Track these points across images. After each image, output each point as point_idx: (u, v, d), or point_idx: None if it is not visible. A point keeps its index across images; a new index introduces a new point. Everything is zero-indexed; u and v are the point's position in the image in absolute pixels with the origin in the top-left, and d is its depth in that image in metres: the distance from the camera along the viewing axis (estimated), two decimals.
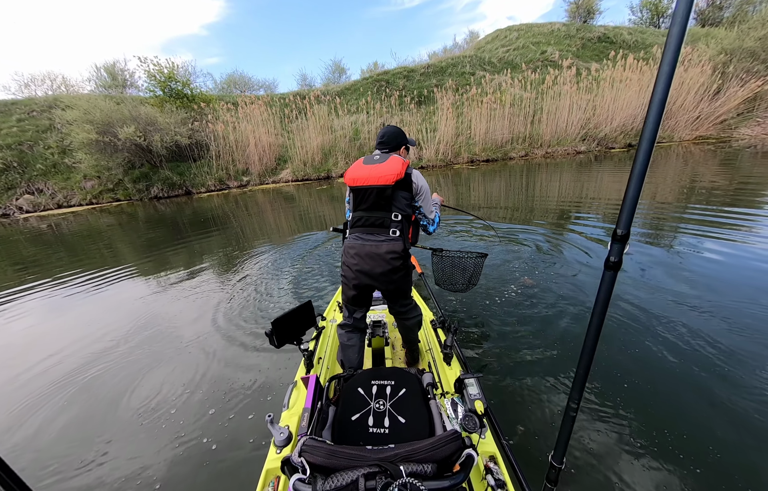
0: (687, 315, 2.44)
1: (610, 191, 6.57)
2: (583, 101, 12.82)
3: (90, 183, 14.05)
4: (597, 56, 18.09)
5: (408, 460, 0.73)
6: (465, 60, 18.37)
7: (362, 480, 0.69)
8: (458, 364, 1.57)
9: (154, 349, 2.73)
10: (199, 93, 16.01)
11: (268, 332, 1.41)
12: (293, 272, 4.07)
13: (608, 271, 0.62)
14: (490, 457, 1.07)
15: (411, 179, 1.47)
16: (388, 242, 1.44)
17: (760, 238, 3.66)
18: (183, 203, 11.80)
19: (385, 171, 1.41)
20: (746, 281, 2.82)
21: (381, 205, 1.45)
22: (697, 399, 1.77)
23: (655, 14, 24.35)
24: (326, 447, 0.76)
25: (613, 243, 0.61)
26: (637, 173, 0.55)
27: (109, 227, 8.87)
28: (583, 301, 2.79)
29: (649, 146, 0.53)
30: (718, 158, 9.13)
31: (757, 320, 2.31)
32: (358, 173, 1.47)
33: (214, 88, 22.69)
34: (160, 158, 13.62)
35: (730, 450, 1.50)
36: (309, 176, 13.94)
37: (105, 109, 12.48)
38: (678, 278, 2.97)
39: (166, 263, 5.04)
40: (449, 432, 0.79)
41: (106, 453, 1.78)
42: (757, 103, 12.80)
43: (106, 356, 2.71)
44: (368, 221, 1.48)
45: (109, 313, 3.53)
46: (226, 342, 2.69)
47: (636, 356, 2.10)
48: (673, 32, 0.47)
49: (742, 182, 6.18)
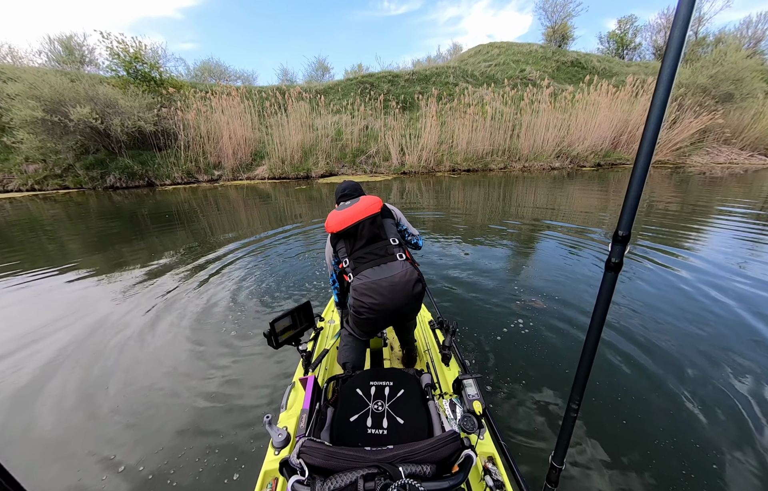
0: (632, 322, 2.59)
1: (577, 205, 6.81)
2: (558, 120, 13.43)
3: (33, 167, 12.48)
4: (570, 79, 19.18)
5: (407, 461, 0.73)
6: (449, 70, 18.70)
7: (361, 481, 0.68)
8: (457, 365, 1.58)
9: (135, 354, 2.49)
10: (169, 77, 14.86)
11: (266, 333, 1.38)
12: (285, 272, 3.87)
13: (609, 272, 0.62)
14: (489, 458, 1.07)
15: (387, 207, 1.55)
16: (402, 267, 1.37)
17: (698, 257, 3.92)
18: (144, 195, 10.76)
19: (366, 204, 1.43)
20: (681, 294, 3.02)
21: (377, 235, 1.43)
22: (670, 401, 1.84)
23: (621, 46, 26.44)
24: (325, 448, 0.76)
25: (614, 245, 0.61)
26: (638, 176, 0.55)
27: (54, 217, 7.85)
28: (580, 304, 2.86)
29: (650, 149, 0.53)
30: (673, 182, 9.94)
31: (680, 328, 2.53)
32: (341, 216, 1.42)
33: (187, 75, 21.31)
34: (120, 144, 12.40)
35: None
36: (287, 175, 13.34)
37: (56, 86, 11.14)
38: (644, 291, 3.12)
39: (136, 260, 4.42)
40: (448, 433, 0.79)
41: (97, 459, 1.67)
42: (706, 134, 14.14)
43: (61, 357, 2.37)
44: (372, 256, 1.40)
45: (57, 311, 3.11)
46: (220, 344, 2.55)
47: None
48: (674, 34, 0.48)
49: (691, 204, 6.76)
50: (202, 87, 15.83)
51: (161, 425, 1.84)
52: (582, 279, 3.37)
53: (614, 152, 13.86)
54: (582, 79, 17.37)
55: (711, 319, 2.59)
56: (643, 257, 3.93)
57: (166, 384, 2.15)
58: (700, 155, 13.94)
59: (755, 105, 14.02)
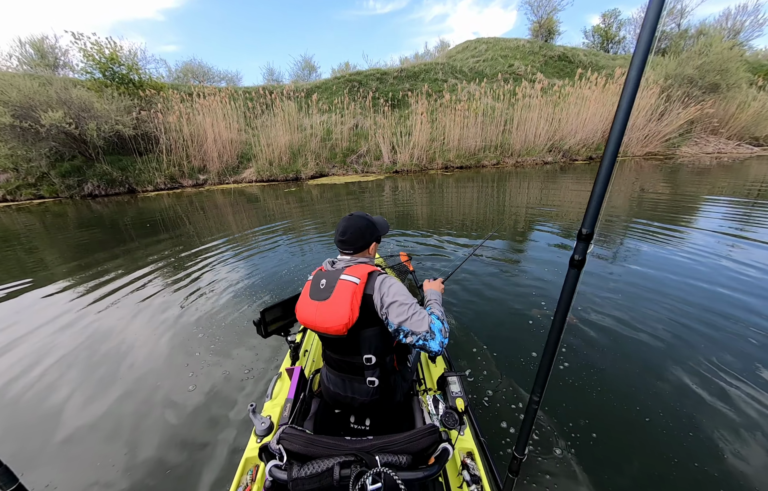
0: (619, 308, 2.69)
1: (568, 198, 6.68)
2: (549, 115, 13.35)
3: (5, 176, 11.78)
4: (558, 73, 19.22)
5: (384, 451, 0.74)
6: (437, 67, 18.51)
7: (337, 467, 0.69)
8: (443, 362, 1.62)
9: (123, 349, 2.56)
10: (148, 79, 14.23)
11: (256, 321, 1.36)
12: (274, 270, 3.87)
13: (572, 269, 0.63)
14: (468, 453, 1.07)
15: (372, 299, 1.03)
16: (369, 395, 1.12)
17: (688, 244, 4.00)
18: (125, 203, 10.24)
19: (331, 315, 1.00)
20: (673, 282, 3.10)
21: (345, 349, 1.11)
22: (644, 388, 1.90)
23: (605, 40, 26.70)
24: (305, 435, 0.77)
25: (578, 242, 0.61)
26: (603, 176, 0.55)
27: (29, 227, 7.36)
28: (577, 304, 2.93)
29: (615, 149, 0.53)
30: (662, 173, 9.95)
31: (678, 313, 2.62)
32: (305, 309, 1.09)
33: (169, 77, 20.58)
34: (97, 149, 11.78)
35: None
36: (275, 177, 12.92)
37: (24, 90, 10.49)
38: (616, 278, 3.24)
39: (116, 270, 4.04)
40: (426, 426, 0.81)
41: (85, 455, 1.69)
42: (694, 125, 14.28)
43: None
44: (335, 364, 1.16)
45: (33, 324, 3.01)
46: (207, 333, 2.59)
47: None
48: (642, 36, 0.48)
49: (679, 194, 6.78)
50: (185, 88, 15.25)
51: (146, 416, 1.85)
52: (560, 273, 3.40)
53: (605, 144, 13.87)
54: (569, 73, 17.39)
55: (697, 305, 2.67)
56: (635, 245, 4.00)
57: (151, 379, 2.16)
58: (688, 146, 14.07)
59: (740, 95, 14.22)
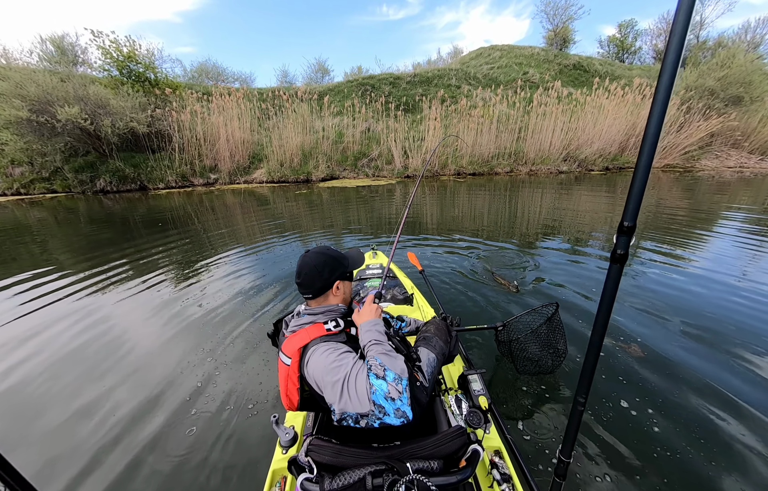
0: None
1: (585, 208, 6.44)
2: (565, 124, 13.10)
3: (19, 170, 11.92)
4: (573, 82, 18.95)
5: (414, 457, 0.73)
6: (451, 73, 18.41)
7: (369, 477, 0.69)
8: (461, 361, 1.59)
9: (132, 360, 2.42)
10: (164, 78, 14.37)
11: (270, 333, 1.31)
12: (286, 275, 3.66)
13: (615, 264, 0.61)
14: (495, 452, 1.06)
15: (308, 382, 0.90)
16: None
17: (703, 259, 3.83)
18: (136, 200, 10.24)
19: (283, 387, 0.96)
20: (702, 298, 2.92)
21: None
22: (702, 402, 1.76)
23: (621, 49, 26.37)
24: (333, 446, 0.75)
25: (619, 236, 0.59)
26: (643, 166, 0.54)
27: (41, 221, 7.36)
28: (588, 296, 2.92)
29: (654, 141, 0.53)
30: (681, 185, 9.62)
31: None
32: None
33: (184, 77, 20.84)
34: (111, 146, 11.87)
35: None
36: (286, 178, 12.86)
37: (43, 85, 10.63)
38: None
39: (134, 267, 3.94)
40: (454, 428, 0.80)
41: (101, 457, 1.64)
42: (714, 138, 13.88)
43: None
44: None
45: (46, 318, 2.94)
46: (225, 345, 2.48)
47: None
48: (675, 29, 0.48)
49: (696, 209, 6.47)
50: (199, 88, 15.37)
51: (164, 425, 1.78)
52: (586, 278, 3.36)
53: (622, 156, 13.55)
54: (585, 82, 17.10)
55: (721, 319, 2.56)
56: (650, 260, 3.84)
57: (167, 387, 2.06)
58: (709, 159, 13.66)
59: (762, 108, 13.79)
